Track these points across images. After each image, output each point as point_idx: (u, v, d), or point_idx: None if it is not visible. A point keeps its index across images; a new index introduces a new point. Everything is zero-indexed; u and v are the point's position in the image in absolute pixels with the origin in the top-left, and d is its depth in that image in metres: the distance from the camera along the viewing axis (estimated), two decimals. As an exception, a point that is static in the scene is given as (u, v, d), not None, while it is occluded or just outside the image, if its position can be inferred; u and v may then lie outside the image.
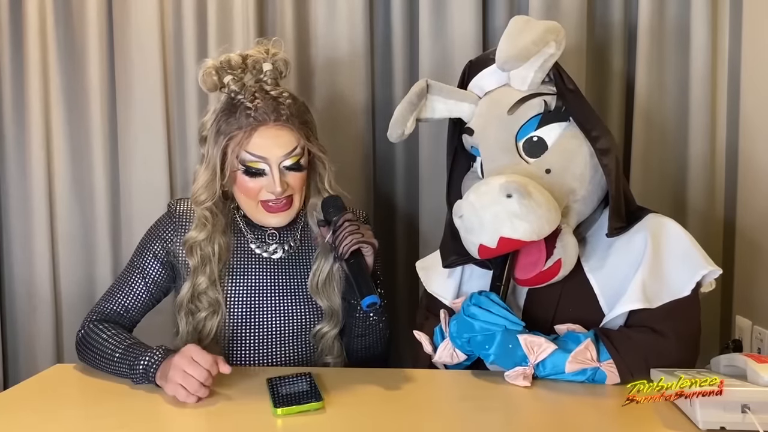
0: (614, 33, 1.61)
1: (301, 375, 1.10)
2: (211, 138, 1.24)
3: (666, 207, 1.55)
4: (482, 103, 1.22)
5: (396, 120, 1.22)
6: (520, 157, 1.16)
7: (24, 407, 1.06)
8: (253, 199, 1.25)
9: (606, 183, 1.14)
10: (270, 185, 1.22)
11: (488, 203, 1.05)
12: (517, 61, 1.13)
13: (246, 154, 1.20)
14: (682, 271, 1.10)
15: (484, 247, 1.08)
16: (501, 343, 1.07)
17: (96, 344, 1.21)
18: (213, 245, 1.26)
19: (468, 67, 1.28)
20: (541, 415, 1.00)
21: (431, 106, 1.24)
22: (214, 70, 1.24)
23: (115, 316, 1.29)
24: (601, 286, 1.14)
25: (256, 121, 1.19)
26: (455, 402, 1.07)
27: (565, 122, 1.16)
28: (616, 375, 1.05)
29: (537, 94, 1.17)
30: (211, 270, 1.26)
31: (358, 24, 1.65)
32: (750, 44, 1.49)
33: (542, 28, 1.14)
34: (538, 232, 1.05)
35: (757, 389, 0.87)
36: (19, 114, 1.73)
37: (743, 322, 1.48)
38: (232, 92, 1.23)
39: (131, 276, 1.31)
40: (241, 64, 1.25)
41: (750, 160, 1.48)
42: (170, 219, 1.32)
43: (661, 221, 1.16)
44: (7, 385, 1.75)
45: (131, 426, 0.98)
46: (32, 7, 1.68)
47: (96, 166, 1.72)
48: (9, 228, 1.77)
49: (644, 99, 1.56)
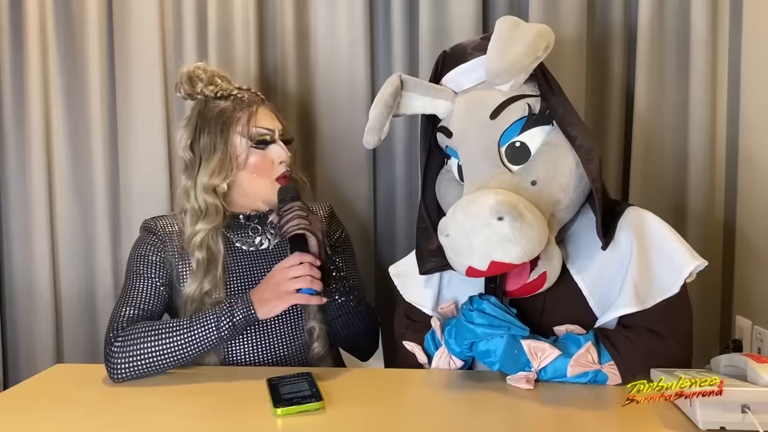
0: (614, 33, 1.61)
1: (301, 375, 1.10)
2: (212, 127, 1.30)
3: (666, 208, 1.55)
4: (461, 103, 1.15)
5: (372, 126, 1.15)
6: (503, 164, 1.10)
7: (24, 407, 1.06)
8: (267, 177, 1.31)
9: (590, 189, 1.10)
10: (280, 153, 1.31)
11: (478, 226, 1.00)
12: (510, 75, 1.08)
13: (256, 129, 1.30)
14: (670, 269, 1.09)
15: (473, 269, 1.03)
16: (506, 350, 1.05)
17: (148, 336, 1.16)
18: (219, 243, 1.29)
19: (442, 57, 1.20)
20: (541, 416, 1.00)
21: (406, 103, 1.16)
22: (187, 77, 1.34)
23: (141, 319, 1.25)
24: (589, 287, 1.12)
25: (252, 102, 1.33)
26: (455, 402, 1.07)
27: (548, 126, 1.11)
28: (618, 376, 1.05)
29: (520, 96, 1.11)
30: (216, 272, 1.27)
31: (358, 24, 1.65)
32: (750, 44, 1.49)
33: (533, 34, 1.08)
34: (530, 254, 1.02)
35: (757, 389, 0.87)
36: (19, 114, 1.73)
37: (743, 322, 1.48)
38: (216, 92, 1.33)
39: (137, 284, 1.28)
40: (206, 73, 1.35)
41: (750, 160, 1.48)
42: (153, 234, 1.33)
43: (641, 216, 1.14)
44: (7, 385, 1.75)
45: (131, 426, 0.98)
46: (32, 7, 1.68)
47: (96, 166, 1.72)
48: (9, 228, 1.78)
49: (644, 99, 1.56)
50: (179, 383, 1.14)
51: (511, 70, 1.07)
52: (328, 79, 1.69)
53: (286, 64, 1.69)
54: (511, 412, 1.00)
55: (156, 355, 1.15)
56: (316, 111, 1.71)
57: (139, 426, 0.98)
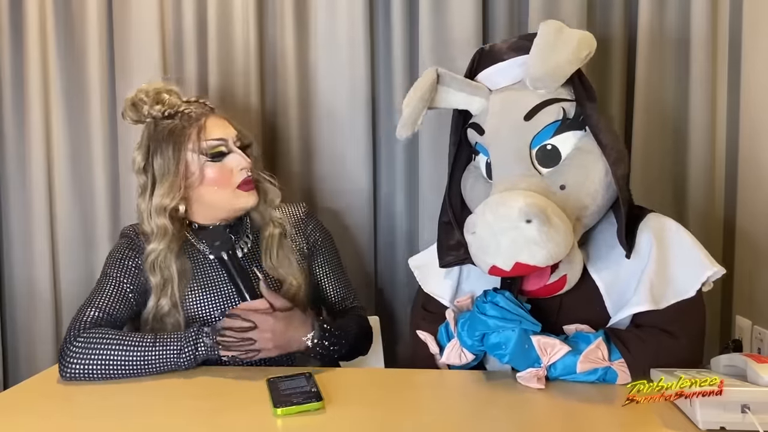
0: (614, 33, 1.61)
1: (301, 375, 1.10)
2: (164, 149, 1.28)
3: (666, 207, 1.55)
4: (495, 101, 1.16)
5: (407, 120, 1.15)
6: (533, 166, 1.12)
7: (24, 407, 1.06)
8: (228, 187, 1.29)
9: (616, 196, 1.12)
10: (238, 162, 1.29)
11: (507, 227, 1.01)
12: (551, 81, 1.09)
13: (207, 142, 1.28)
14: (687, 272, 1.09)
15: (496, 269, 1.04)
16: (517, 344, 1.05)
17: (110, 344, 1.16)
18: (171, 266, 1.27)
19: (479, 55, 1.21)
20: (540, 416, 1.00)
21: (441, 97, 1.18)
22: (131, 103, 1.32)
23: (105, 324, 1.24)
24: (607, 287, 1.13)
25: (200, 115, 1.30)
26: (455, 402, 1.07)
27: (581, 131, 1.12)
28: (628, 374, 1.05)
29: (555, 99, 1.11)
30: (172, 292, 1.27)
31: (358, 24, 1.65)
32: (750, 44, 1.49)
33: (576, 41, 1.09)
34: (555, 257, 1.03)
35: (757, 389, 0.87)
36: (19, 114, 1.73)
37: (743, 322, 1.48)
38: (164, 111, 1.30)
39: (107, 287, 1.28)
40: (146, 98, 1.32)
41: (750, 160, 1.48)
42: (131, 241, 1.33)
43: (662, 221, 1.16)
44: (7, 385, 1.75)
45: (131, 426, 0.98)
46: (32, 7, 1.68)
47: (96, 166, 1.72)
48: (9, 228, 1.78)
49: (644, 99, 1.56)
50: (179, 383, 1.14)
51: (553, 76, 1.09)
52: (328, 79, 1.69)
53: (286, 64, 1.69)
54: (511, 412, 1.00)
55: (112, 364, 1.15)
56: (317, 111, 1.71)
57: (139, 426, 0.98)
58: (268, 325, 1.16)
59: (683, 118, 1.56)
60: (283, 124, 1.70)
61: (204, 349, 1.17)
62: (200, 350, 1.17)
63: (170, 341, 1.17)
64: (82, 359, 1.16)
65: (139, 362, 1.16)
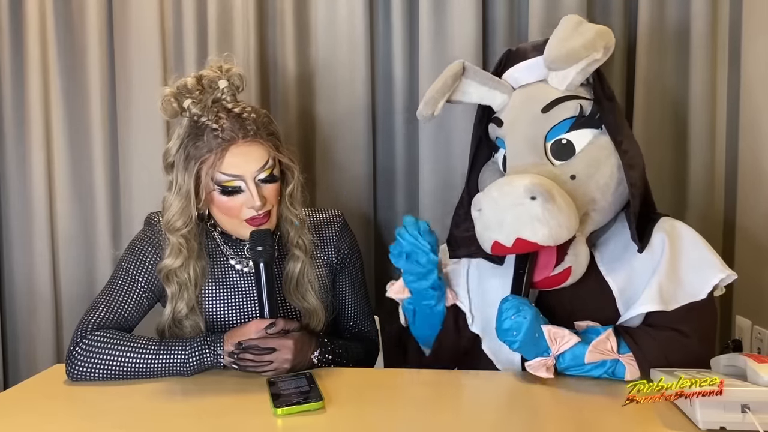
0: (614, 33, 1.59)
1: (301, 375, 1.10)
2: (180, 164, 1.21)
3: (666, 207, 1.55)
4: (516, 96, 1.20)
5: (428, 100, 1.19)
6: (547, 158, 1.14)
7: (24, 407, 1.06)
8: (236, 218, 1.22)
9: (628, 196, 1.13)
10: (249, 201, 1.20)
11: (511, 203, 1.03)
12: (566, 62, 1.11)
13: (220, 175, 1.19)
14: (698, 275, 1.10)
15: (498, 245, 1.06)
16: (528, 331, 1.05)
17: (115, 348, 1.16)
18: (189, 271, 1.24)
19: (506, 55, 1.24)
20: (540, 415, 1.00)
21: (464, 90, 1.21)
22: (173, 97, 1.21)
23: (113, 325, 1.23)
24: (620, 288, 1.13)
25: (225, 141, 1.17)
26: (454, 401, 1.07)
27: (597, 130, 1.14)
28: (636, 369, 1.05)
29: (574, 96, 1.15)
30: (189, 296, 1.25)
31: (358, 24, 1.65)
32: (750, 44, 1.49)
33: (593, 32, 1.12)
34: (556, 238, 1.04)
35: (757, 389, 0.87)
36: (19, 114, 1.73)
37: (743, 322, 1.48)
38: (195, 115, 1.20)
39: (121, 284, 1.27)
40: (197, 86, 1.22)
41: (750, 160, 1.48)
42: (153, 230, 1.30)
43: (675, 225, 1.16)
44: (7, 385, 1.75)
45: (131, 426, 0.98)
46: (32, 7, 1.68)
47: (96, 166, 1.72)
48: (9, 228, 1.78)
49: (644, 98, 1.56)
50: (179, 383, 1.14)
51: (567, 59, 1.11)
52: (328, 79, 1.69)
53: (286, 63, 1.69)
54: (510, 411, 1.00)
55: (116, 368, 1.16)
56: (317, 111, 1.71)
57: (139, 426, 0.98)
58: (287, 348, 1.16)
59: (683, 116, 1.57)
60: (283, 124, 1.70)
61: (210, 359, 1.16)
62: (206, 359, 1.16)
63: (176, 349, 1.17)
64: (88, 362, 1.16)
65: (143, 368, 1.16)
